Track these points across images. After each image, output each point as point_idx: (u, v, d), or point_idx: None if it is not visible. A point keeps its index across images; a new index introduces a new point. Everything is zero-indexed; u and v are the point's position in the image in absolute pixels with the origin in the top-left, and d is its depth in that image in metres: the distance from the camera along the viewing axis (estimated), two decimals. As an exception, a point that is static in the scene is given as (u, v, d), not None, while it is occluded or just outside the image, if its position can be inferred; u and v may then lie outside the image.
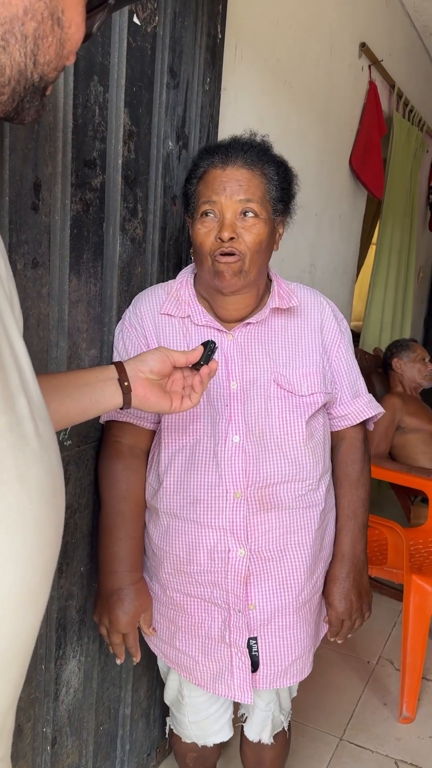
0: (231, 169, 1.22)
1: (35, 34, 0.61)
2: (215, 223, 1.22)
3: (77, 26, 0.66)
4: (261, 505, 1.25)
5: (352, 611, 1.36)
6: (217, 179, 1.22)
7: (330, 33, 2.47)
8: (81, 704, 1.49)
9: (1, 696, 0.60)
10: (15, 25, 0.60)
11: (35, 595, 0.61)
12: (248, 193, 1.21)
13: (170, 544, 1.29)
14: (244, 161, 1.23)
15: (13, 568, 0.57)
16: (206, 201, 1.22)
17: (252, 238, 1.22)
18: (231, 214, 1.21)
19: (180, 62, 1.47)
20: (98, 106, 1.24)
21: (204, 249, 1.23)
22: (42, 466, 0.60)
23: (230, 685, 1.29)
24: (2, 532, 0.56)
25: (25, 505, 0.58)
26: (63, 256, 1.21)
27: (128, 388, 1.01)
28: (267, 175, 1.25)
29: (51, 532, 0.62)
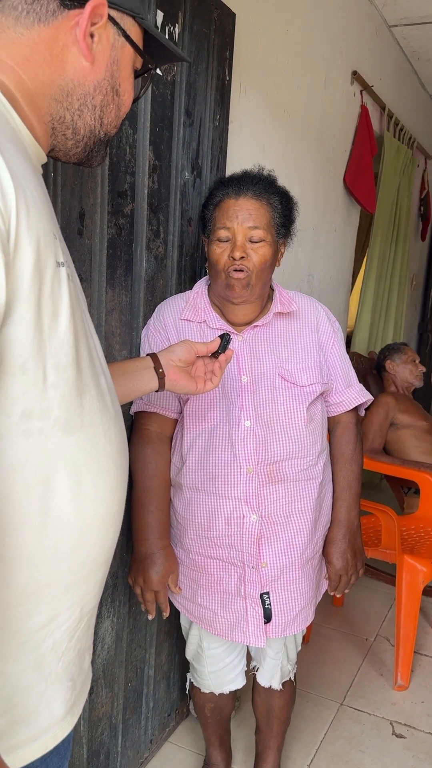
0: (243, 199, 1.46)
1: (102, 104, 0.86)
2: (228, 244, 1.46)
3: (129, 93, 0.91)
4: (269, 479, 1.48)
5: (348, 568, 1.59)
6: (231, 208, 1.46)
7: (324, 64, 2.72)
8: (113, 660, 1.72)
9: (92, 593, 0.84)
10: (88, 99, 0.85)
11: (115, 520, 0.85)
12: (256, 221, 1.45)
13: (193, 513, 1.52)
14: (254, 193, 1.47)
15: (103, 497, 0.81)
16: (222, 227, 1.47)
17: (258, 258, 1.46)
18: (242, 237, 1.45)
19: (194, 103, 1.71)
20: (128, 145, 1.48)
21: (219, 266, 1.47)
22: (117, 427, 0.84)
23: (246, 633, 1.52)
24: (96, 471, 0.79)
25: (110, 453, 0.82)
26: (101, 272, 1.44)
27: (162, 374, 1.25)
28: (272, 205, 1.50)
29: (123, 475, 0.86)
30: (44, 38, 0.79)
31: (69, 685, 0.84)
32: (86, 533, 0.80)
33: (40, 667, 0.79)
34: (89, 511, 0.80)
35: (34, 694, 0.79)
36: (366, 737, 2.14)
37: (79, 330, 0.78)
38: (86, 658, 0.90)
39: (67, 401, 0.75)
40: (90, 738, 1.66)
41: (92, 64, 0.83)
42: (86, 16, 0.80)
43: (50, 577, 0.77)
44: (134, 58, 0.90)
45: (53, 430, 0.74)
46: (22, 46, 0.78)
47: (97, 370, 0.84)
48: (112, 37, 0.85)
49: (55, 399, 0.73)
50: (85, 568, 0.82)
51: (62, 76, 0.81)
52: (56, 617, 0.79)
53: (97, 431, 0.80)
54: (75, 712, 0.86)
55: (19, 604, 0.75)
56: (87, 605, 0.85)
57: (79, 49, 0.81)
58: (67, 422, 0.75)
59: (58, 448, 0.75)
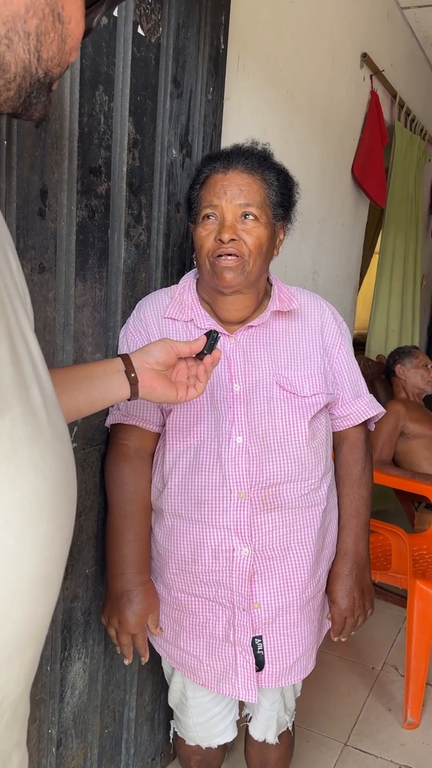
0: (232, 173, 1.25)
1: (37, 31, 0.63)
2: (216, 225, 1.25)
3: (77, 21, 0.68)
4: (264, 505, 1.27)
5: (354, 608, 1.37)
6: (218, 183, 1.25)
7: (331, 43, 2.50)
8: (86, 706, 1.50)
9: (16, 681, 0.62)
10: (18, 23, 0.62)
11: (49, 582, 0.63)
12: (248, 197, 1.24)
13: (175, 545, 1.30)
14: (245, 167, 1.26)
15: (29, 554, 0.59)
16: (208, 205, 1.25)
17: (252, 240, 1.24)
18: (231, 216, 1.24)
19: (183, 72, 1.50)
20: (103, 114, 1.27)
21: (203, 251, 1.26)
22: (55, 455, 0.62)
23: (234, 684, 1.30)
24: (18, 520, 0.58)
25: (41, 493, 0.60)
26: (69, 261, 1.23)
27: (135, 379, 1.03)
28: (267, 181, 1.28)
29: (64, 520, 0.64)
30: None
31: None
32: (6, 604, 0.59)
33: None
34: (10, 574, 0.59)
35: None
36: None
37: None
38: (14, 759, 0.69)
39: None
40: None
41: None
42: None
43: None
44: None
45: None
46: None
47: (27, 379, 0.62)
48: None
49: None
50: (5, 650, 0.60)
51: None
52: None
53: (21, 464, 0.59)
54: None
55: None
56: (9, 696, 0.63)
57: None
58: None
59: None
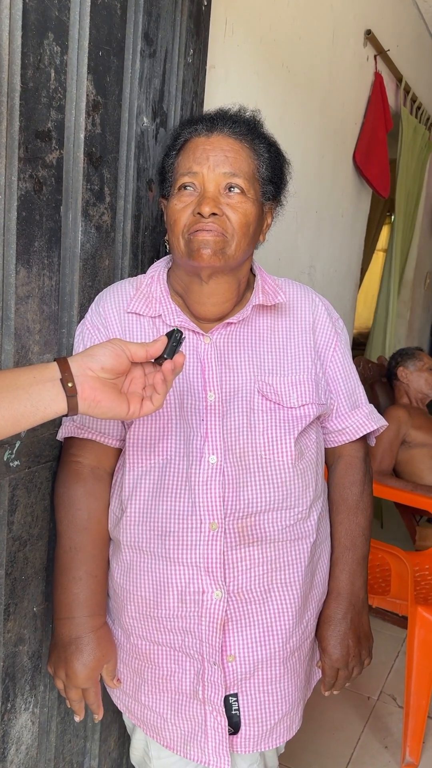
0: (217, 137, 1.05)
1: None
2: (194, 197, 1.04)
3: None
4: (241, 538, 1.06)
5: (349, 658, 1.16)
6: (199, 148, 1.05)
7: (333, 16, 2.29)
8: (36, 762, 1.30)
9: None
10: None
11: None
12: (235, 166, 1.04)
13: (134, 584, 1.09)
14: (232, 131, 1.06)
15: None
16: (186, 172, 1.05)
17: (238, 218, 1.04)
18: (214, 186, 1.04)
19: (157, 28, 1.29)
20: (54, 69, 1.06)
21: (177, 226, 1.05)
22: None
23: (204, 749, 1.09)
24: None
25: None
26: (8, 242, 1.02)
27: (73, 390, 0.81)
28: (257, 151, 1.08)
29: None
30: None
31: None
32: None
33: None
34: None
35: None
36: None
37: None
38: None
39: None
40: None
41: None
42: None
43: None
44: None
45: None
46: None
47: None
48: None
49: None
50: None
51: None
52: None
53: None
54: None
55: None
56: None
57: None
58: None
59: None
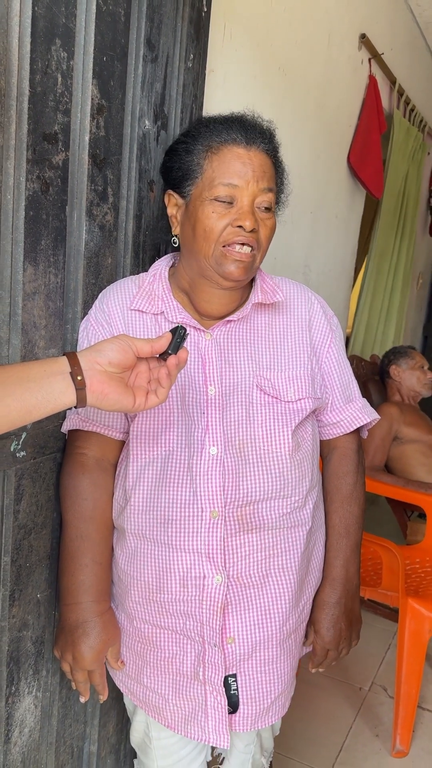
0: (255, 152, 1.09)
1: None
2: (229, 209, 1.08)
3: None
4: (241, 526, 1.10)
5: (340, 641, 1.21)
6: (239, 160, 1.08)
7: (328, 20, 2.33)
8: (38, 745, 1.34)
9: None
10: None
11: None
12: (270, 182, 1.09)
13: (138, 570, 1.14)
14: (266, 147, 1.11)
15: None
16: (226, 183, 1.07)
17: (267, 233, 1.12)
18: (250, 201, 1.08)
19: (159, 34, 1.33)
20: (61, 73, 1.10)
21: (212, 235, 1.08)
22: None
23: (204, 728, 1.14)
24: None
25: None
26: (17, 240, 1.06)
27: (82, 383, 0.86)
28: (277, 167, 1.15)
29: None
30: None
31: None
32: None
33: None
34: None
35: None
36: None
37: None
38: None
39: None
40: None
41: None
42: None
43: None
44: None
45: None
46: None
47: None
48: None
49: None
50: None
51: None
52: None
53: None
54: None
55: None
56: None
57: None
58: None
59: None
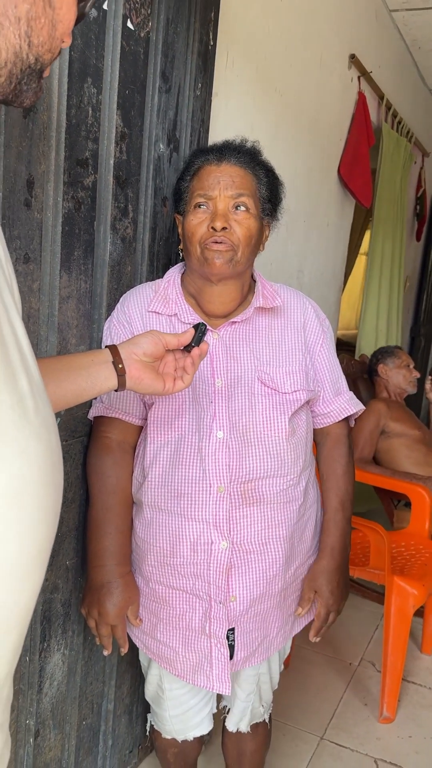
0: (225, 165, 1.27)
1: (28, 16, 0.64)
2: (207, 214, 1.26)
3: (69, 7, 0.68)
4: (243, 500, 1.28)
5: (338, 604, 1.39)
6: (211, 174, 1.27)
7: (320, 43, 2.52)
8: (64, 697, 1.51)
9: (5, 659, 0.63)
10: (8, 8, 0.62)
11: (34, 566, 0.64)
12: (241, 188, 1.26)
13: (154, 537, 1.31)
14: (237, 160, 1.28)
15: (15, 538, 0.60)
16: (200, 194, 1.27)
17: (243, 231, 1.26)
18: (223, 206, 1.25)
19: (172, 67, 1.50)
20: (91, 107, 1.27)
21: (195, 238, 1.27)
22: (41, 442, 0.63)
23: (209, 676, 1.31)
24: (4, 504, 0.58)
25: (27, 478, 0.61)
26: (54, 252, 1.23)
27: (122, 370, 1.03)
28: (257, 176, 1.30)
29: (50, 505, 0.65)
30: None
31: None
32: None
33: None
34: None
35: None
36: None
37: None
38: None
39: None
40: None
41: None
42: None
43: None
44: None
45: None
46: None
47: (15, 368, 0.62)
48: None
49: None
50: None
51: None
52: None
53: (7, 450, 0.59)
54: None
55: None
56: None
57: None
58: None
59: None
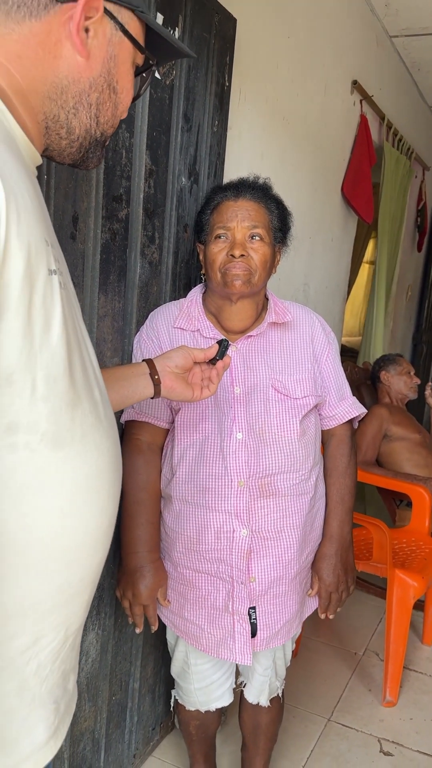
0: (242, 201, 1.45)
1: (97, 102, 0.83)
2: (227, 244, 1.44)
3: (128, 91, 0.88)
4: (261, 493, 1.45)
5: (339, 584, 1.56)
6: (230, 209, 1.45)
7: (325, 72, 2.70)
8: (97, 674, 1.68)
9: (78, 614, 0.81)
10: (83, 97, 0.81)
11: (105, 536, 0.82)
12: (256, 220, 1.44)
13: (182, 527, 1.49)
14: (252, 196, 1.46)
15: (93, 515, 0.78)
16: (221, 226, 1.45)
17: (259, 257, 1.44)
18: (241, 236, 1.43)
19: (193, 109, 1.68)
20: (125, 149, 1.45)
21: (216, 265, 1.45)
22: (109, 439, 0.81)
23: (232, 650, 1.48)
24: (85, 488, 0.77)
25: (102, 469, 0.79)
26: (94, 277, 1.41)
27: (158, 381, 1.21)
28: (269, 209, 1.48)
29: (115, 489, 0.83)
30: (36, 33, 0.76)
31: (52, 708, 0.80)
32: (74, 552, 0.77)
33: (22, 691, 0.75)
34: (78, 529, 0.77)
35: (16, 721, 0.75)
36: (353, 755, 2.11)
37: (72, 340, 0.74)
38: (71, 679, 0.87)
39: (57, 415, 0.72)
40: (72, 754, 1.62)
41: (87, 60, 0.79)
42: (80, 10, 0.76)
43: (35, 598, 0.74)
44: (134, 53, 0.86)
45: (41, 444, 0.70)
46: (12, 42, 0.75)
47: (91, 381, 0.80)
48: (109, 32, 0.81)
49: (44, 412, 0.70)
50: (72, 588, 0.79)
51: (56, 73, 0.78)
52: (40, 639, 0.76)
53: (88, 446, 0.77)
54: (58, 736, 0.82)
55: (2, 626, 0.72)
56: (72, 626, 0.81)
57: (73, 44, 0.77)
58: (56, 437, 0.72)
59: (46, 463, 0.71)
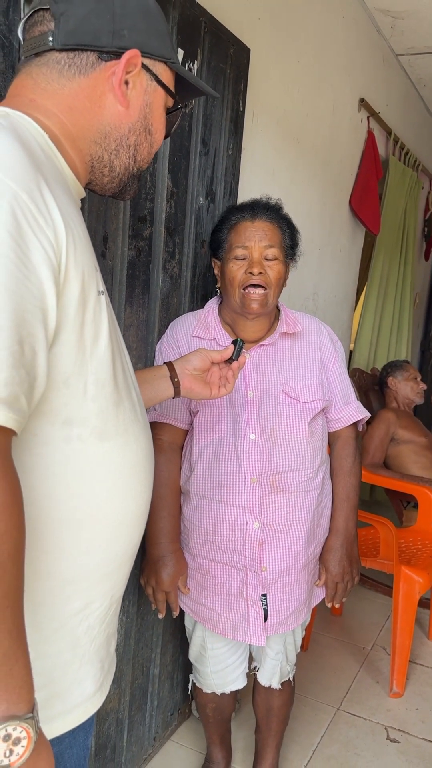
0: (258, 221, 1.57)
1: (135, 143, 0.97)
2: (245, 262, 1.56)
3: (160, 132, 1.02)
4: (272, 489, 1.58)
5: (344, 575, 1.68)
6: (247, 229, 1.57)
7: (333, 92, 2.84)
8: (122, 658, 1.80)
9: (120, 584, 0.95)
10: (123, 140, 0.95)
11: (142, 518, 0.97)
12: (271, 240, 1.57)
13: (199, 520, 1.61)
14: (267, 217, 1.59)
15: (134, 499, 0.92)
16: (239, 246, 1.57)
17: (275, 274, 1.57)
18: (258, 255, 1.56)
19: (210, 134, 1.82)
20: (149, 173, 1.59)
21: (236, 281, 1.57)
22: (145, 435, 0.95)
23: (247, 632, 1.61)
24: (127, 475, 0.90)
25: (140, 458, 0.92)
26: (121, 291, 1.55)
27: (178, 383, 1.33)
28: (282, 228, 1.61)
29: (150, 478, 0.97)
30: (84, 87, 0.90)
31: (99, 666, 0.94)
32: (119, 528, 0.91)
33: (75, 648, 0.89)
34: (122, 508, 0.90)
35: (70, 672, 0.89)
36: (361, 741, 2.22)
37: (115, 349, 0.88)
38: (112, 643, 1.00)
39: (104, 412, 0.85)
40: (98, 731, 1.75)
41: (127, 109, 0.93)
42: (122, 67, 0.90)
43: (87, 568, 0.88)
44: (166, 98, 0.99)
45: (91, 437, 0.84)
46: (65, 96, 0.89)
47: (129, 384, 0.94)
48: (145, 83, 0.95)
49: (94, 410, 0.84)
50: (117, 560, 0.92)
51: (100, 121, 0.92)
52: (90, 604, 0.90)
53: (129, 438, 0.91)
54: (103, 690, 0.95)
55: (60, 591, 0.85)
56: (116, 594, 0.95)
57: (115, 96, 0.91)
58: (103, 430, 0.86)
59: (94, 453, 0.85)
